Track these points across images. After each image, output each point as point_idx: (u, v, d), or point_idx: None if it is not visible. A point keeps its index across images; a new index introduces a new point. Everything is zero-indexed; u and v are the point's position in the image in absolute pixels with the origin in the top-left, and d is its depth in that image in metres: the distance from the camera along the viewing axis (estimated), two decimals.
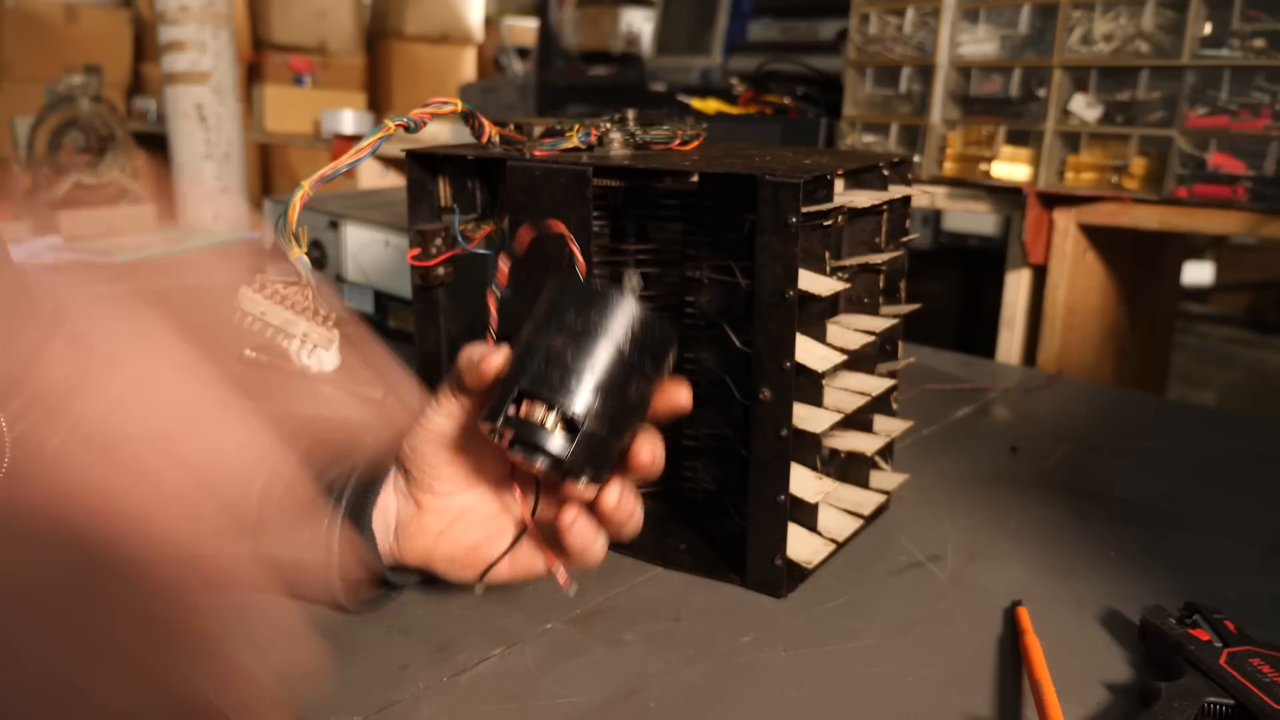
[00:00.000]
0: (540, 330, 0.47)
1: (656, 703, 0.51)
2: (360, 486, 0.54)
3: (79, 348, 0.61)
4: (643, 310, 0.46)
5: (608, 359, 0.45)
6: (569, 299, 0.46)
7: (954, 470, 0.82)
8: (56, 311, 0.61)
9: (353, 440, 0.57)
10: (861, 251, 0.69)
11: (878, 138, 1.39)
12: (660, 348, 0.48)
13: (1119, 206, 1.16)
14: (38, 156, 1.87)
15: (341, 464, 0.56)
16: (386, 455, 0.56)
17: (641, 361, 0.46)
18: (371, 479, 0.55)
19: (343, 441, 0.57)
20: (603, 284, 0.47)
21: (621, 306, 0.46)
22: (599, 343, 0.45)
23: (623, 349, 0.46)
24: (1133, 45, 1.15)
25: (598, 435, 0.45)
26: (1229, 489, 0.79)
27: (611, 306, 0.46)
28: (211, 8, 2.37)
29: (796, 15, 1.78)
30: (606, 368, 0.45)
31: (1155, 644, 0.54)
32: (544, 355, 0.45)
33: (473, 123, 0.63)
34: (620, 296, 0.46)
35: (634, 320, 0.46)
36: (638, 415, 0.48)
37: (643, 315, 0.46)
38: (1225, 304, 4.22)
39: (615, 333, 0.46)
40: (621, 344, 0.46)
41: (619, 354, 0.46)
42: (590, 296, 0.46)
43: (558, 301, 0.47)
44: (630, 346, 0.46)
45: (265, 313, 0.58)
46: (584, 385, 0.45)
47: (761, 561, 0.61)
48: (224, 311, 0.63)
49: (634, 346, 0.46)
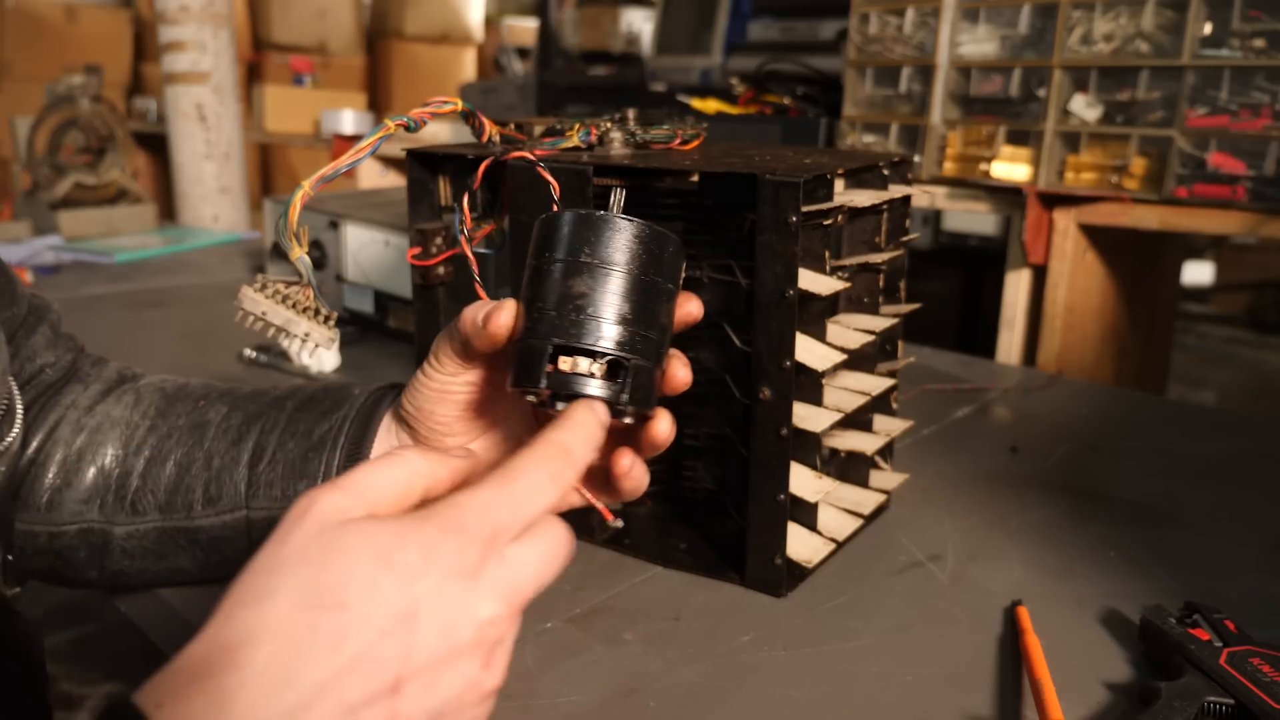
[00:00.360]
0: (549, 274, 0.43)
1: (656, 702, 0.51)
2: (354, 436, 0.54)
3: (63, 339, 0.61)
4: (645, 227, 0.44)
5: (631, 288, 0.43)
6: (569, 233, 0.43)
7: (954, 470, 0.82)
8: (37, 302, 0.61)
9: (340, 397, 0.56)
10: (861, 251, 0.69)
11: (878, 138, 1.39)
12: (673, 260, 0.45)
13: (1119, 206, 1.16)
14: (38, 156, 1.87)
15: (330, 417, 0.55)
16: (378, 406, 0.55)
17: (660, 280, 0.44)
18: (364, 429, 0.54)
19: (330, 399, 0.56)
20: (598, 210, 0.44)
21: (624, 228, 0.43)
22: (618, 274, 0.43)
23: (641, 273, 0.43)
24: (1133, 45, 1.15)
25: (643, 369, 0.43)
26: (1229, 489, 0.79)
27: (615, 231, 0.43)
28: (211, 8, 2.37)
29: (796, 15, 1.78)
30: (633, 298, 0.43)
31: (1155, 644, 0.54)
32: (566, 301, 0.42)
33: (473, 122, 0.63)
34: (621, 219, 0.43)
35: (641, 239, 0.44)
36: (669, 335, 0.45)
37: (648, 232, 0.44)
38: (1225, 304, 4.23)
39: (629, 258, 0.43)
40: (638, 268, 0.43)
41: (639, 280, 0.43)
42: (591, 225, 0.43)
43: (556, 238, 0.44)
44: (647, 268, 0.43)
45: (266, 312, 0.58)
46: (619, 323, 0.42)
47: (761, 561, 0.61)
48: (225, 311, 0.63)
49: (650, 267, 0.44)
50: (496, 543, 0.35)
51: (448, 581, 0.33)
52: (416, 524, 0.34)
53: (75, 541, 0.56)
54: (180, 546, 0.56)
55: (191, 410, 0.58)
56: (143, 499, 0.56)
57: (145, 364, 0.66)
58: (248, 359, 1.08)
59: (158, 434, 0.57)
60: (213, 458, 0.55)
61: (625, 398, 0.43)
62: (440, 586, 0.33)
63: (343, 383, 0.58)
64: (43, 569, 0.58)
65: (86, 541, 0.56)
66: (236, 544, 0.56)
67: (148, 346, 1.17)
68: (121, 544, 0.56)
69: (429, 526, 0.34)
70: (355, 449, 0.53)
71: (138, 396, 0.59)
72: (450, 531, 0.34)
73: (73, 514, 0.56)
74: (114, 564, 0.57)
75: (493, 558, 0.35)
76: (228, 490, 0.55)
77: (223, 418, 0.57)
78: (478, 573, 0.34)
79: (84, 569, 0.57)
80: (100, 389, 0.60)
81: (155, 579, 0.58)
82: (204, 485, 0.55)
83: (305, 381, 0.60)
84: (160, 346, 1.17)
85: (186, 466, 0.56)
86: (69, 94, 1.90)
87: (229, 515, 0.55)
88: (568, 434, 0.40)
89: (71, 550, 0.56)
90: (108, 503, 0.56)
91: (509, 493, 0.36)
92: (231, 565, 0.56)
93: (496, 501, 0.36)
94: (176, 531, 0.56)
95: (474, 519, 0.35)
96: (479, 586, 0.34)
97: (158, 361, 1.09)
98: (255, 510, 0.55)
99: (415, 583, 0.33)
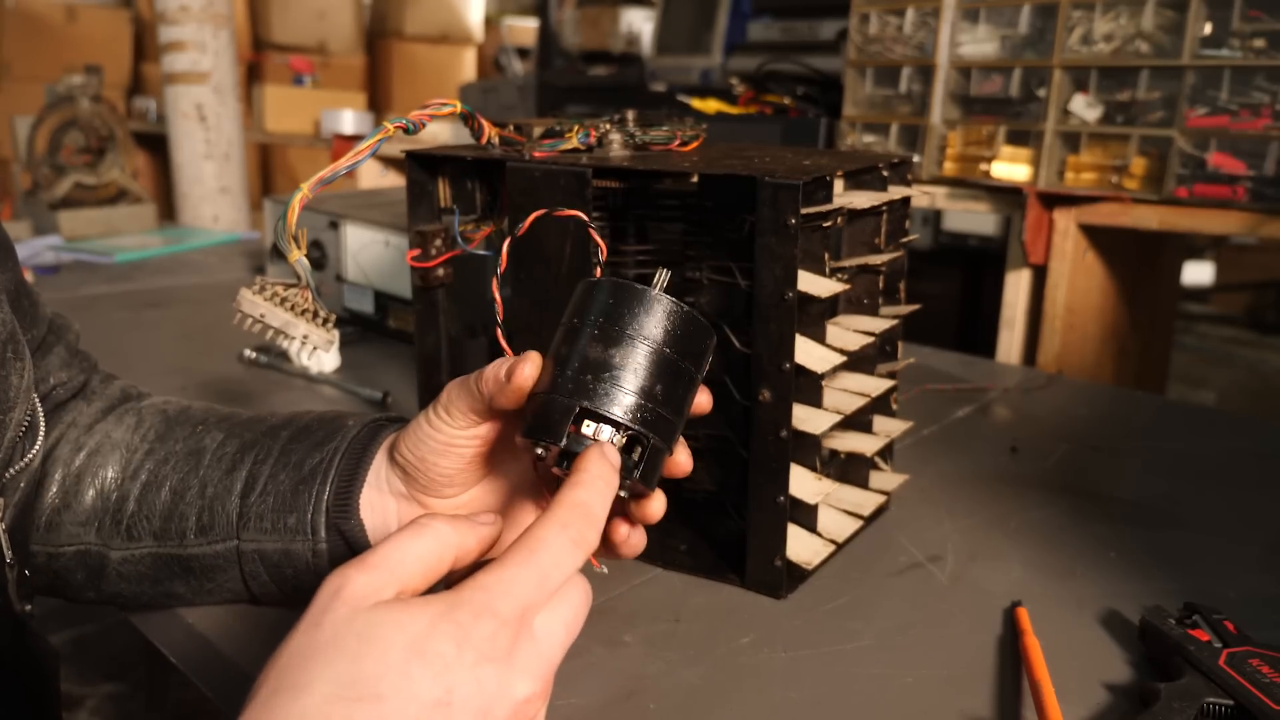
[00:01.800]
0: (586, 337, 0.43)
1: (656, 704, 0.51)
2: (345, 471, 0.53)
3: (78, 359, 0.61)
4: (684, 310, 0.44)
5: (665, 369, 0.43)
6: (613, 301, 0.43)
7: (954, 470, 0.82)
8: (59, 321, 0.61)
9: (333, 428, 0.56)
10: (861, 252, 0.69)
11: (878, 138, 1.39)
12: (703, 348, 0.45)
13: (1119, 206, 1.16)
14: (38, 156, 1.87)
15: (323, 449, 0.54)
16: (372, 439, 0.54)
17: (688, 365, 0.44)
18: (356, 464, 0.53)
19: (324, 430, 0.56)
20: (640, 284, 0.44)
21: (670, 310, 0.43)
22: (656, 352, 0.43)
23: (678, 357, 0.43)
24: (1133, 45, 1.15)
25: (658, 450, 0.43)
26: (1229, 489, 0.79)
27: (661, 310, 0.43)
28: (211, 8, 2.37)
29: (796, 15, 1.78)
30: (665, 379, 0.43)
31: (1155, 644, 0.54)
32: (600, 368, 0.42)
33: (472, 124, 0.63)
34: (669, 301, 0.43)
35: (684, 323, 0.44)
36: (684, 423, 0.45)
37: (685, 315, 0.44)
38: (1225, 304, 4.23)
39: (669, 340, 0.43)
40: (675, 351, 0.43)
41: (675, 363, 0.43)
42: (637, 299, 0.43)
43: (599, 304, 0.44)
44: (677, 350, 0.43)
45: (265, 314, 0.58)
46: (646, 400, 0.42)
47: (761, 562, 0.61)
48: (225, 311, 0.62)
49: (680, 350, 0.44)
50: (526, 619, 0.35)
51: (481, 667, 0.33)
52: (448, 611, 0.34)
53: (72, 563, 0.56)
54: (174, 573, 0.56)
55: (189, 435, 0.58)
56: (138, 524, 0.55)
57: (145, 364, 0.66)
58: (248, 360, 1.08)
59: (155, 458, 0.57)
60: (206, 486, 0.55)
61: (637, 474, 0.43)
62: (474, 673, 0.33)
63: (338, 413, 0.57)
64: (41, 587, 0.58)
65: (84, 564, 0.56)
66: (228, 573, 0.55)
67: (148, 347, 1.17)
68: (117, 568, 0.56)
69: (460, 614, 0.34)
70: (347, 485, 0.52)
71: (139, 418, 0.59)
72: (481, 617, 0.34)
73: (70, 536, 0.56)
74: (110, 586, 0.56)
75: (524, 635, 0.35)
76: (219, 520, 0.54)
77: (218, 445, 0.56)
78: (510, 654, 0.34)
79: (82, 589, 0.57)
80: (102, 406, 0.60)
81: (151, 602, 0.58)
82: (197, 513, 0.54)
83: (304, 411, 0.59)
84: (160, 347, 1.17)
85: (181, 493, 0.55)
86: (69, 94, 1.90)
87: (220, 545, 0.54)
88: (587, 493, 0.39)
89: (69, 571, 0.56)
90: (105, 526, 0.56)
91: (534, 566, 0.36)
92: (224, 593, 0.57)
93: (523, 578, 0.36)
94: (170, 559, 0.55)
95: (503, 601, 0.35)
96: (513, 668, 0.34)
97: (157, 362, 1.09)
98: (246, 542, 0.54)
99: (449, 672, 0.33)
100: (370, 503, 0.53)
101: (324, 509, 0.53)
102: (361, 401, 0.96)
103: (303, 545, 0.53)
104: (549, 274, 0.62)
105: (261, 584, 0.55)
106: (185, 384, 0.99)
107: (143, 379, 0.67)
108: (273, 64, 4.13)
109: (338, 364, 1.06)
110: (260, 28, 4.28)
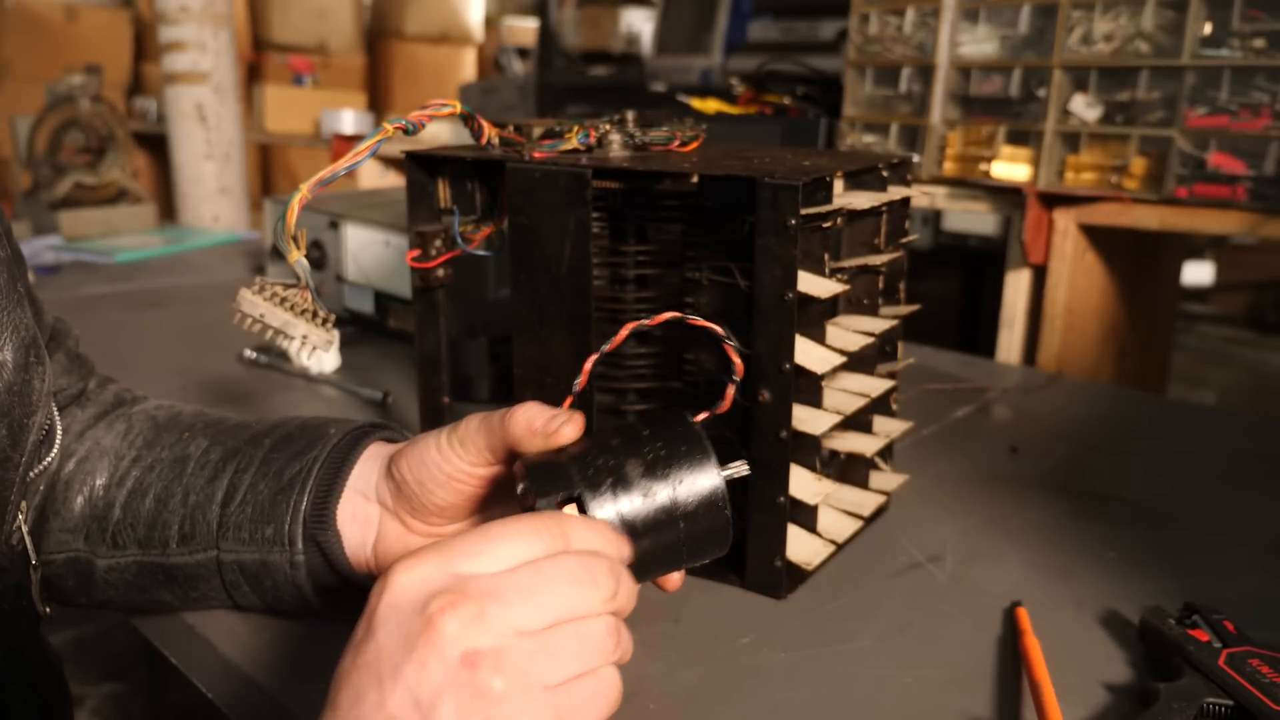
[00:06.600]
0: (634, 450, 0.44)
1: (656, 704, 0.51)
2: (323, 481, 0.52)
3: (78, 364, 0.61)
4: (726, 517, 0.44)
5: (665, 530, 0.43)
6: (682, 449, 0.44)
7: (954, 470, 0.82)
8: (60, 326, 0.61)
9: (314, 437, 0.55)
10: (861, 253, 0.69)
11: (878, 138, 1.39)
12: (708, 554, 0.45)
13: (1119, 206, 1.16)
14: (38, 156, 1.87)
15: (302, 459, 0.53)
16: (353, 448, 0.53)
17: (685, 551, 0.44)
18: (334, 474, 0.52)
19: (305, 439, 0.55)
20: (715, 455, 0.44)
21: (714, 499, 0.43)
22: (669, 511, 0.43)
23: (682, 530, 0.43)
24: (1133, 45, 1.15)
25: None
26: (1229, 489, 0.79)
27: (705, 491, 0.43)
28: (211, 8, 2.37)
29: (796, 15, 1.78)
30: (658, 537, 0.43)
31: (1155, 644, 0.54)
32: (622, 481, 0.43)
33: (472, 124, 0.63)
34: (721, 491, 0.43)
35: (713, 519, 0.44)
36: (642, 582, 0.45)
37: (723, 521, 0.44)
38: (1225, 304, 4.23)
39: (690, 513, 0.43)
40: (683, 523, 0.43)
41: (677, 534, 0.43)
42: (699, 465, 0.43)
43: (672, 438, 0.44)
44: (689, 532, 0.43)
45: (264, 315, 0.58)
46: (630, 537, 0.42)
47: (761, 563, 0.61)
48: (224, 311, 0.62)
49: (692, 536, 0.44)
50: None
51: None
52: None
53: (63, 570, 0.56)
54: (159, 581, 0.55)
55: (175, 442, 0.57)
56: (123, 532, 0.55)
57: (145, 364, 0.66)
58: (248, 360, 1.08)
59: (141, 465, 0.56)
60: (189, 494, 0.54)
61: None
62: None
63: (322, 420, 0.56)
64: None
65: (74, 570, 0.56)
66: (210, 583, 0.55)
67: (147, 347, 1.17)
68: (104, 575, 0.56)
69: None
70: (324, 495, 0.52)
71: (129, 425, 0.59)
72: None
73: (59, 543, 0.56)
74: (99, 593, 0.56)
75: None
76: (200, 529, 0.54)
77: (202, 452, 0.56)
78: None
79: (74, 595, 0.57)
80: (95, 412, 0.60)
81: (141, 608, 0.58)
82: (179, 522, 0.54)
83: (290, 417, 0.58)
84: (160, 347, 1.17)
85: (165, 501, 0.55)
86: (69, 94, 1.90)
87: (201, 554, 0.54)
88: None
89: (60, 578, 0.56)
90: (92, 533, 0.55)
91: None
92: (210, 601, 0.56)
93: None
94: (155, 567, 0.55)
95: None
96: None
97: (158, 362, 1.09)
98: (225, 552, 0.53)
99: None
100: (354, 512, 0.52)
101: (301, 520, 0.52)
102: (361, 401, 0.96)
103: (280, 556, 0.52)
104: (549, 275, 0.62)
105: (243, 594, 0.55)
106: (185, 384, 0.99)
107: (143, 379, 0.67)
108: (273, 64, 4.13)
109: (338, 364, 1.06)
110: (260, 28, 4.28)
